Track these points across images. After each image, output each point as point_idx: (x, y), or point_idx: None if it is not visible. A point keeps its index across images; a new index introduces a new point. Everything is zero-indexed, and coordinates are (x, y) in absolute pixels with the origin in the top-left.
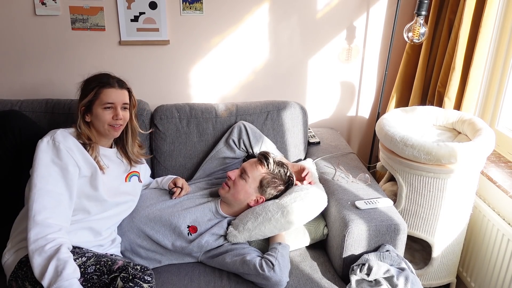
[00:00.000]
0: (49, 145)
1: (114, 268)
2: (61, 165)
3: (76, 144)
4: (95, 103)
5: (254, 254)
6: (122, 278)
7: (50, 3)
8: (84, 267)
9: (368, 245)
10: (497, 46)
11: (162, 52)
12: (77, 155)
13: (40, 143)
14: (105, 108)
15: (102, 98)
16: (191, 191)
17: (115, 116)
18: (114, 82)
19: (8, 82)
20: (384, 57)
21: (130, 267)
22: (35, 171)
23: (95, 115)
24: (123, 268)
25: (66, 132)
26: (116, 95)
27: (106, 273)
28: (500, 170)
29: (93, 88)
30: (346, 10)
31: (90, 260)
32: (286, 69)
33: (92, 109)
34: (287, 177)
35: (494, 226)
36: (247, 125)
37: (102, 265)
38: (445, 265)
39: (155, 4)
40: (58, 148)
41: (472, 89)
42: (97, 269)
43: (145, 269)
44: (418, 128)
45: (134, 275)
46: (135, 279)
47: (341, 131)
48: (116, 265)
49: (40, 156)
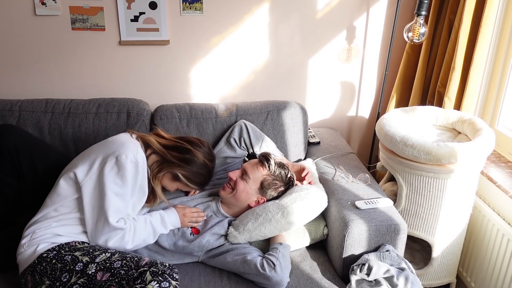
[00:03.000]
0: (132, 164)
1: (142, 264)
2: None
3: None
4: (174, 180)
5: (255, 254)
6: (152, 272)
7: (50, 3)
8: (110, 262)
9: (368, 245)
10: (497, 46)
11: (162, 52)
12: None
13: (125, 160)
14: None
15: (182, 184)
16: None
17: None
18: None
19: (8, 82)
20: (384, 57)
21: (159, 263)
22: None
23: (165, 182)
24: (151, 263)
25: (142, 151)
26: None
27: (134, 268)
28: (500, 170)
29: (195, 185)
30: (346, 10)
31: (114, 256)
32: (286, 69)
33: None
34: (287, 179)
35: (494, 226)
36: (248, 124)
37: (129, 261)
38: (445, 265)
39: (155, 4)
40: (139, 171)
41: (472, 89)
42: (124, 264)
43: (173, 267)
44: (418, 128)
45: (163, 271)
46: (164, 274)
47: (341, 131)
48: (143, 261)
49: (123, 173)
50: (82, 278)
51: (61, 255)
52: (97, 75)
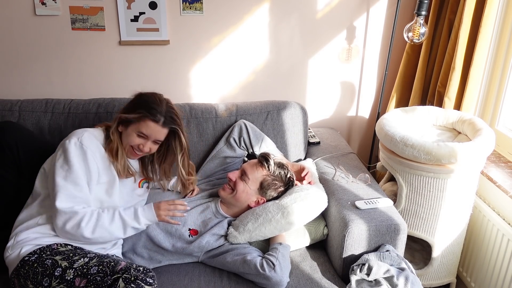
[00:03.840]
0: (76, 147)
1: (117, 269)
2: (84, 169)
3: (99, 148)
4: (132, 125)
5: (255, 254)
6: (124, 279)
7: (50, 3)
8: (87, 268)
9: (368, 245)
10: (497, 46)
11: (162, 52)
12: (100, 162)
13: (68, 144)
14: (138, 135)
15: (140, 126)
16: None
17: (141, 146)
18: (160, 119)
19: (8, 82)
20: (384, 57)
21: (133, 268)
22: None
23: (126, 133)
24: (125, 269)
25: (92, 135)
26: (153, 131)
27: (109, 274)
28: (500, 170)
29: (140, 112)
30: (346, 10)
31: (92, 261)
32: (286, 69)
33: (127, 126)
34: (287, 179)
35: (494, 226)
36: (248, 123)
37: (105, 266)
38: (445, 265)
39: (155, 4)
40: (85, 152)
41: (472, 89)
42: (100, 270)
43: (147, 271)
44: (418, 128)
45: (136, 277)
46: (137, 281)
47: (341, 131)
48: (119, 266)
49: (70, 158)
50: (61, 284)
51: (42, 258)
52: (97, 75)
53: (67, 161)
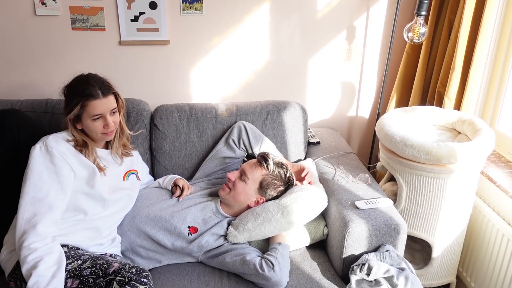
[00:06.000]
0: (42, 151)
1: (110, 272)
2: (55, 170)
3: (69, 148)
4: (83, 116)
5: (254, 254)
6: (118, 281)
7: (50, 3)
8: (80, 270)
9: (368, 245)
10: (497, 46)
11: (162, 52)
12: (71, 159)
13: (33, 150)
14: (94, 119)
15: (89, 111)
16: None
17: (106, 126)
18: (98, 92)
19: (8, 82)
20: (384, 57)
21: (125, 270)
22: (27, 179)
23: (86, 126)
24: (118, 271)
25: (58, 137)
26: (102, 106)
27: (101, 276)
28: (500, 170)
29: (78, 102)
30: (346, 10)
31: (86, 263)
32: (286, 69)
33: (81, 120)
34: (287, 178)
35: (494, 226)
36: (247, 125)
37: (98, 268)
38: (445, 265)
39: (155, 4)
40: (51, 153)
41: (472, 89)
42: (92, 272)
43: (141, 271)
44: (418, 128)
45: (130, 278)
46: (131, 282)
47: (341, 131)
48: (112, 268)
49: (33, 164)
50: None
51: None
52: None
53: (29, 166)
